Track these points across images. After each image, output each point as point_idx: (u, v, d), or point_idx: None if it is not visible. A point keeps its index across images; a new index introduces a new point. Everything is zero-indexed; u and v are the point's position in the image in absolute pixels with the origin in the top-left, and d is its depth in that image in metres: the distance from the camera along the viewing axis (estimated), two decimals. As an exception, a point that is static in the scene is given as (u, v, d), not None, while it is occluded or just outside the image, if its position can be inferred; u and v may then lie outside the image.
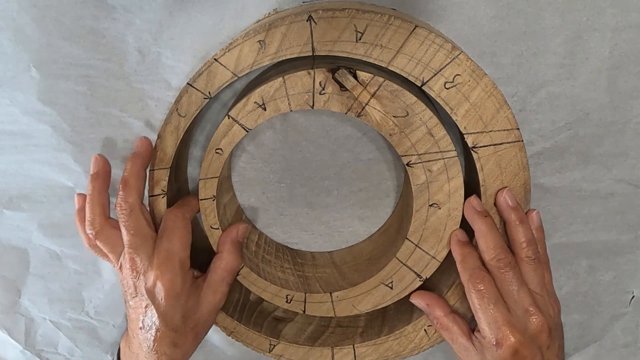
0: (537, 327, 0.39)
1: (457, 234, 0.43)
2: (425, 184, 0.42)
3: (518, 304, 0.39)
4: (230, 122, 0.41)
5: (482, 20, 0.41)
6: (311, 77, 0.39)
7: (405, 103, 0.39)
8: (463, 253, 0.42)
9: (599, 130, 0.45)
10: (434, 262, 0.44)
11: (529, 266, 0.40)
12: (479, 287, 0.40)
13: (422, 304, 0.45)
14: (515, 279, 0.40)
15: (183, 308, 0.42)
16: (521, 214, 0.41)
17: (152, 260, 0.42)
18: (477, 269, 0.41)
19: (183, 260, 0.42)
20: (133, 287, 0.43)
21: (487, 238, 0.40)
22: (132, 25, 0.43)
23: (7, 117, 0.46)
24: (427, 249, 0.44)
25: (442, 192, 0.42)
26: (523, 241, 0.40)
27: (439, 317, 0.44)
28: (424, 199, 0.42)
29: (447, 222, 0.43)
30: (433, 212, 0.43)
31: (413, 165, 0.41)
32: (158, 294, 0.41)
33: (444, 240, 0.44)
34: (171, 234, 0.42)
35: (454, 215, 0.43)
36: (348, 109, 0.39)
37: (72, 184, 0.49)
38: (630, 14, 0.41)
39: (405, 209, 0.48)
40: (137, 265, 0.42)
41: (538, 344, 0.39)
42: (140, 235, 0.42)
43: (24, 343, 0.56)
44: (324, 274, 0.50)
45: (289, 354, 0.49)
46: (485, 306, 0.40)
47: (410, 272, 0.45)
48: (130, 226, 0.42)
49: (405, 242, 0.44)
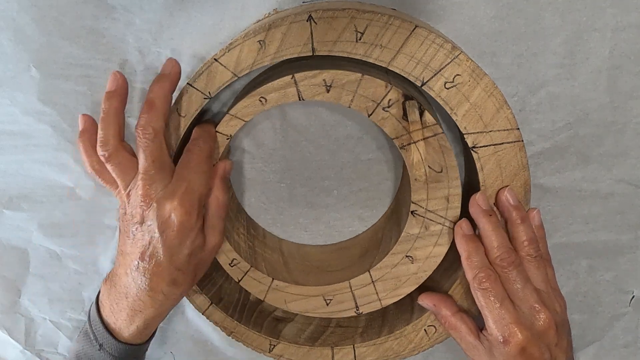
0: (544, 324, 0.39)
1: (462, 227, 0.42)
2: (414, 237, 0.44)
3: (524, 301, 0.40)
4: (290, 81, 0.39)
5: (482, 20, 0.41)
6: (385, 91, 0.39)
7: (445, 162, 0.41)
8: (469, 249, 0.41)
9: (599, 130, 0.45)
10: (377, 304, 0.46)
11: (531, 264, 0.40)
12: (484, 286, 0.40)
13: (429, 304, 0.45)
14: (520, 277, 0.40)
15: (191, 246, 0.40)
16: (522, 212, 0.41)
17: (169, 190, 0.39)
18: (483, 267, 0.40)
19: (202, 196, 0.40)
20: (140, 216, 0.40)
21: (491, 237, 0.41)
22: (132, 25, 0.43)
23: (7, 117, 0.46)
24: (379, 290, 0.46)
25: (423, 251, 0.44)
26: (525, 239, 0.40)
27: (446, 317, 0.44)
28: (406, 247, 0.44)
29: (410, 278, 0.45)
30: (405, 262, 0.45)
31: (416, 216, 0.43)
32: (170, 227, 0.39)
33: (398, 290, 0.46)
34: (197, 166, 0.40)
35: (420, 275, 0.45)
36: (396, 137, 0.40)
37: (72, 184, 0.49)
38: (630, 14, 0.41)
39: (377, 243, 0.49)
40: (151, 193, 0.39)
41: (546, 341, 0.39)
42: (160, 163, 0.39)
43: (24, 343, 0.56)
44: (270, 257, 0.50)
45: (289, 354, 0.49)
46: (491, 304, 0.40)
47: (351, 300, 0.46)
48: (151, 152, 0.39)
49: (365, 274, 0.45)
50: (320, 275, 0.48)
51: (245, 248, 0.48)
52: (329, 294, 0.46)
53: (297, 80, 0.39)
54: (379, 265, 0.45)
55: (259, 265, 0.47)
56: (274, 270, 0.48)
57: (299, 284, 0.47)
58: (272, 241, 0.52)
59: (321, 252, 0.52)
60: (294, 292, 0.47)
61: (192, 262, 0.41)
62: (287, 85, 0.39)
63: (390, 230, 0.48)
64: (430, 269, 0.45)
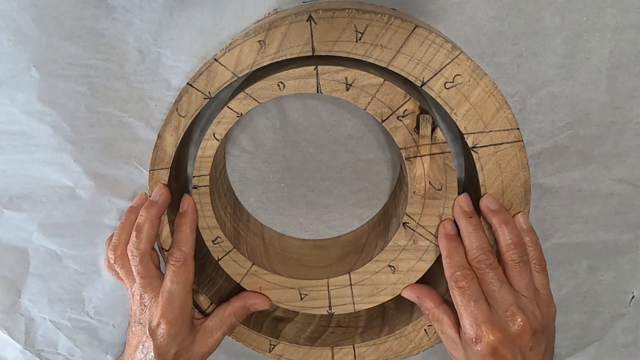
0: (518, 327, 0.39)
1: (445, 226, 0.43)
2: (401, 248, 0.44)
3: (499, 303, 0.40)
4: (312, 71, 0.39)
5: (482, 20, 0.41)
6: (403, 100, 0.39)
7: (446, 181, 0.41)
8: (449, 248, 0.42)
9: (599, 130, 0.45)
10: (350, 307, 0.46)
11: (514, 269, 0.40)
12: (461, 284, 0.40)
13: (412, 296, 0.46)
14: (496, 279, 0.40)
15: (178, 346, 0.44)
16: (504, 216, 0.41)
17: (157, 298, 0.44)
18: (461, 266, 0.41)
19: (183, 302, 0.44)
20: (138, 316, 0.45)
21: (471, 238, 0.41)
22: (132, 25, 0.43)
23: (7, 117, 0.46)
24: (355, 294, 0.46)
25: (407, 263, 0.45)
26: (508, 244, 0.41)
27: (429, 309, 0.44)
28: (390, 257, 0.45)
29: (388, 287, 0.46)
30: (386, 271, 0.45)
31: (407, 228, 0.43)
32: (159, 331, 0.44)
33: (374, 297, 0.46)
34: (174, 276, 0.44)
35: (399, 287, 0.46)
36: (404, 147, 0.41)
37: (72, 184, 0.49)
38: (630, 14, 0.41)
39: (360, 247, 0.49)
40: (145, 301, 0.45)
41: (519, 345, 0.40)
42: (148, 278, 0.45)
43: (24, 343, 0.56)
44: (253, 241, 0.50)
45: (289, 354, 0.49)
46: (466, 303, 0.40)
47: (326, 299, 0.47)
48: (139, 270, 0.44)
49: (345, 276, 0.46)
50: (298, 269, 0.49)
51: (230, 228, 0.48)
52: (305, 288, 0.47)
53: (319, 73, 0.39)
54: (360, 270, 0.45)
55: (241, 247, 0.47)
56: (254, 255, 0.48)
57: (277, 273, 0.47)
58: (255, 226, 0.52)
59: (300, 246, 0.52)
60: (270, 281, 0.47)
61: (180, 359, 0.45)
62: (308, 75, 0.39)
63: (376, 237, 0.49)
64: (409, 282, 0.45)
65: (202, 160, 0.43)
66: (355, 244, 0.50)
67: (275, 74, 0.39)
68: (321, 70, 0.39)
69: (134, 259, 0.45)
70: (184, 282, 0.44)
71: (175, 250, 0.45)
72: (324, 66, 0.39)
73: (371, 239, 0.49)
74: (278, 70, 0.40)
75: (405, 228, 0.44)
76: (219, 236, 0.46)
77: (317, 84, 0.39)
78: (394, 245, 0.44)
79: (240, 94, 0.40)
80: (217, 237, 0.46)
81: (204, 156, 0.43)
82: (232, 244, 0.46)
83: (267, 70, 0.41)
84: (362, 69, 0.39)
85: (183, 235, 0.45)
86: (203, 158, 0.43)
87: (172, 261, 0.45)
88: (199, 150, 0.43)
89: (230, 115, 0.41)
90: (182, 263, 0.44)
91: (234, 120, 0.41)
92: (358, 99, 0.40)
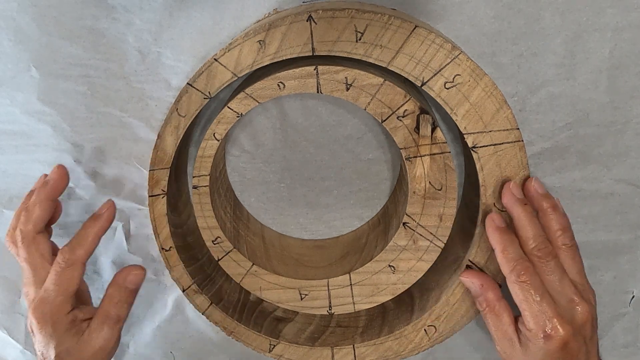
0: (582, 317, 0.38)
1: (494, 219, 0.41)
2: (401, 248, 0.44)
3: (561, 294, 0.39)
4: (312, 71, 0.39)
5: (482, 20, 0.41)
6: (404, 100, 0.39)
7: (446, 181, 0.41)
8: (503, 241, 0.40)
9: (599, 130, 0.45)
10: (350, 307, 0.47)
11: (567, 254, 0.39)
12: (523, 279, 0.38)
13: (476, 283, 0.42)
14: (557, 269, 0.39)
15: (56, 349, 0.42)
16: (552, 201, 0.40)
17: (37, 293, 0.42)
18: (520, 259, 0.39)
19: (58, 306, 0.42)
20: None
21: (527, 227, 0.39)
22: (132, 25, 0.43)
23: (7, 117, 0.46)
24: (355, 294, 0.46)
25: (407, 263, 0.45)
26: (558, 228, 0.39)
27: (491, 301, 0.42)
28: (390, 257, 0.45)
29: (388, 287, 0.46)
30: (387, 271, 0.45)
31: (407, 228, 0.43)
32: (35, 331, 0.42)
33: (374, 297, 0.46)
34: (56, 277, 0.42)
35: (399, 287, 0.46)
36: (404, 147, 0.41)
37: (72, 184, 0.49)
38: (630, 14, 0.41)
39: (360, 247, 0.49)
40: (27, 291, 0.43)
41: (583, 335, 0.39)
42: (30, 264, 0.43)
43: (24, 343, 0.56)
44: (253, 241, 0.50)
45: (289, 354, 0.49)
46: (531, 298, 0.38)
47: (326, 299, 0.47)
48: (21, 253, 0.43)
49: (345, 276, 0.46)
50: (298, 269, 0.49)
51: (230, 228, 0.48)
52: (305, 288, 0.47)
53: (319, 73, 0.39)
54: (360, 270, 0.45)
55: (241, 247, 0.47)
56: (254, 255, 0.48)
57: (277, 273, 0.47)
58: (255, 226, 0.52)
59: (300, 246, 0.52)
60: (270, 281, 0.47)
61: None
62: (308, 75, 0.39)
63: (376, 237, 0.49)
64: (409, 282, 0.45)
65: (202, 160, 0.43)
66: (355, 244, 0.50)
67: (275, 74, 0.39)
68: (321, 70, 0.39)
69: (18, 240, 0.43)
70: (65, 286, 0.42)
71: (67, 249, 0.43)
72: (324, 66, 0.39)
73: (371, 239, 0.49)
74: (278, 70, 0.40)
75: (405, 228, 0.44)
76: (219, 236, 0.46)
77: (317, 84, 0.39)
78: (394, 245, 0.44)
79: (240, 94, 0.40)
80: (217, 237, 0.46)
81: (204, 156, 0.43)
82: (232, 244, 0.46)
83: (267, 70, 0.41)
84: (362, 69, 0.39)
85: (83, 238, 0.43)
86: (203, 158, 0.43)
87: (60, 260, 0.42)
88: (199, 150, 0.43)
89: (230, 115, 0.41)
90: (69, 265, 0.42)
91: (234, 120, 0.41)
92: (358, 99, 0.40)
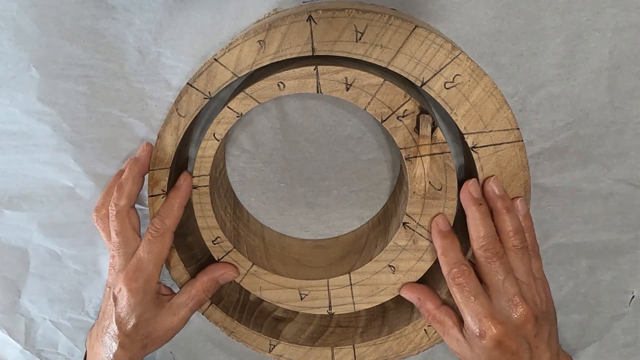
0: (521, 317, 0.39)
1: (438, 223, 0.43)
2: (401, 248, 0.44)
3: (502, 294, 0.40)
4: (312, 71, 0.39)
5: (482, 20, 0.41)
6: (403, 100, 0.39)
7: (447, 181, 0.41)
8: (444, 245, 0.42)
9: (599, 130, 0.45)
10: (350, 307, 0.47)
11: (516, 255, 0.40)
12: (458, 281, 0.41)
13: (413, 297, 0.45)
14: (502, 269, 0.40)
15: (138, 318, 0.43)
16: (508, 202, 0.41)
17: (124, 266, 0.44)
18: (457, 262, 0.41)
19: (150, 274, 0.43)
20: (109, 279, 0.45)
21: (479, 226, 0.41)
22: (132, 25, 0.43)
23: (7, 117, 0.46)
24: (356, 294, 0.46)
25: (407, 263, 0.45)
26: (510, 230, 0.40)
27: (430, 310, 0.44)
28: (390, 257, 0.45)
29: (388, 287, 0.46)
30: (387, 271, 0.45)
31: (406, 228, 0.44)
32: (120, 298, 0.43)
33: (374, 297, 0.46)
34: (149, 245, 0.43)
35: (398, 287, 0.46)
36: (404, 147, 0.41)
37: (72, 184, 0.49)
38: (630, 14, 0.41)
39: (360, 247, 0.49)
40: (115, 263, 0.44)
41: (523, 334, 0.40)
42: (122, 237, 0.44)
43: (24, 343, 0.56)
44: (253, 241, 0.50)
45: (289, 354, 0.49)
46: (466, 299, 0.40)
47: (326, 299, 0.47)
48: (115, 226, 0.44)
49: (345, 276, 0.46)
50: (298, 269, 0.49)
51: (230, 228, 0.48)
52: (305, 288, 0.47)
53: (319, 73, 0.39)
54: (360, 270, 0.46)
55: (240, 247, 0.47)
56: (254, 255, 0.48)
57: (277, 273, 0.47)
58: (255, 226, 0.52)
59: (300, 246, 0.52)
60: (270, 281, 0.47)
61: (139, 333, 0.44)
62: (308, 75, 0.39)
63: (376, 237, 0.49)
64: (409, 281, 0.45)
65: (202, 160, 0.43)
66: (355, 244, 0.50)
67: (275, 74, 0.39)
68: (321, 70, 0.39)
69: (112, 214, 0.44)
70: (157, 254, 0.43)
71: (158, 220, 0.44)
72: (324, 66, 0.39)
73: (371, 239, 0.49)
74: (278, 70, 0.40)
75: (405, 228, 0.44)
76: (219, 236, 0.46)
77: (317, 84, 0.39)
78: (394, 245, 0.44)
79: (240, 94, 0.40)
80: (217, 237, 0.46)
81: (204, 156, 0.43)
82: (232, 244, 0.46)
83: (267, 70, 0.41)
84: (362, 69, 0.39)
85: (169, 208, 0.44)
86: (203, 158, 0.43)
87: (152, 230, 0.43)
88: (199, 150, 0.43)
89: (230, 115, 0.41)
90: (161, 234, 0.43)
91: (234, 120, 0.41)
92: (358, 99, 0.40)
